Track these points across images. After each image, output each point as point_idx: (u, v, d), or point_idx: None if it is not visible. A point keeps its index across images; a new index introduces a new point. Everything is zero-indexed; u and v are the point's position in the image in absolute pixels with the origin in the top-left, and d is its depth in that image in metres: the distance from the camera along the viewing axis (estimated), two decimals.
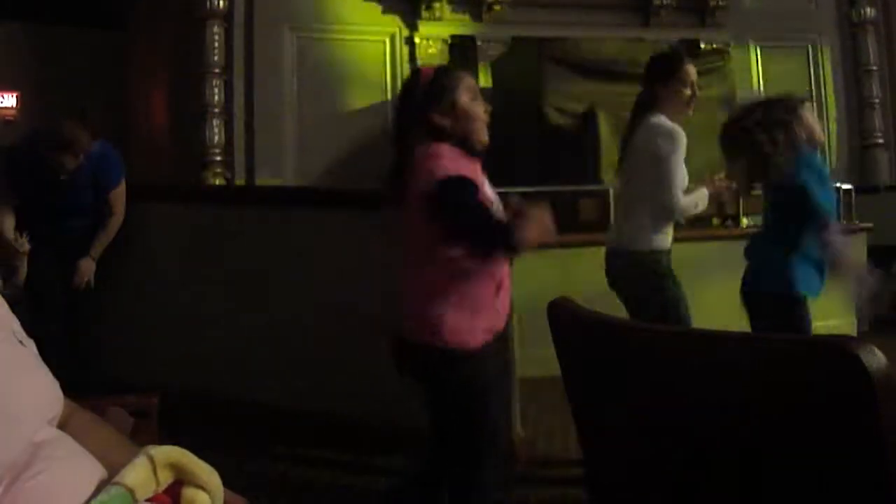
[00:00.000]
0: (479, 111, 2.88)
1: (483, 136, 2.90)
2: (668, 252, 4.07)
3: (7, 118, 10.60)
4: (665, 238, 4.05)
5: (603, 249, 4.26)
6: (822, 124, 3.75)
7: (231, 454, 4.17)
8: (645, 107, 4.08)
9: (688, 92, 4.04)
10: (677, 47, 5.05)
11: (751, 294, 3.79)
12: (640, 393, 1.25)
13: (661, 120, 3.99)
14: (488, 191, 2.87)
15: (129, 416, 2.63)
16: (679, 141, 3.92)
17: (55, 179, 4.88)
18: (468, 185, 2.73)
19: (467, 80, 2.91)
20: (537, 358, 3.51)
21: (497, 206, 2.86)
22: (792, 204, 3.63)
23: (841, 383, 0.98)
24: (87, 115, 4.98)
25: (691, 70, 4.09)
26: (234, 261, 5.22)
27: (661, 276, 4.01)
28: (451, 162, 2.75)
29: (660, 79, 4.06)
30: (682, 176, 3.95)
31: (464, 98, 2.84)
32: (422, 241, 2.83)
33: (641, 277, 4.01)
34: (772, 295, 3.70)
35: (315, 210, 5.08)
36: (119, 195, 5.14)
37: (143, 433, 2.60)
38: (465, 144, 2.83)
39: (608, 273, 4.15)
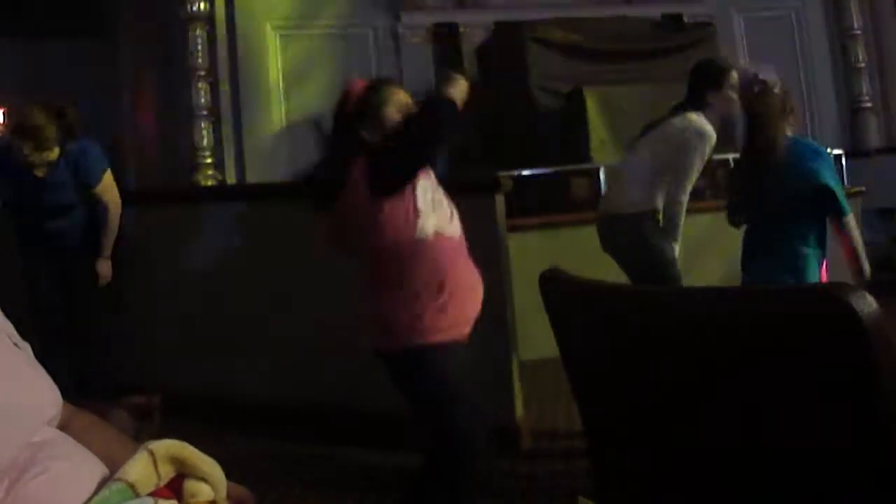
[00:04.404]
0: None
1: None
2: (659, 213, 4.33)
3: None
4: (658, 201, 4.29)
5: (594, 228, 4.40)
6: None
7: (236, 453, 4.17)
8: (686, 108, 4.29)
9: (735, 96, 4.26)
10: (720, 58, 5.44)
11: None
12: (636, 354, 1.25)
13: (702, 119, 4.22)
14: (423, 199, 2.89)
15: (130, 417, 2.62)
16: (709, 145, 4.19)
17: (32, 178, 4.83)
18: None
19: (397, 96, 2.93)
20: (535, 340, 3.51)
21: (448, 209, 2.93)
22: (812, 201, 3.68)
23: (834, 329, 0.98)
24: (65, 113, 4.84)
25: (735, 75, 4.31)
26: (233, 259, 5.21)
27: (656, 236, 4.26)
28: None
29: (712, 85, 4.25)
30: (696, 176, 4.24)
31: (391, 114, 2.88)
32: (370, 231, 2.85)
33: (639, 237, 4.26)
34: None
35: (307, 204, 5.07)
36: (106, 188, 5.00)
37: (146, 434, 2.60)
38: None
39: (603, 237, 4.42)
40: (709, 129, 4.18)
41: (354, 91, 2.94)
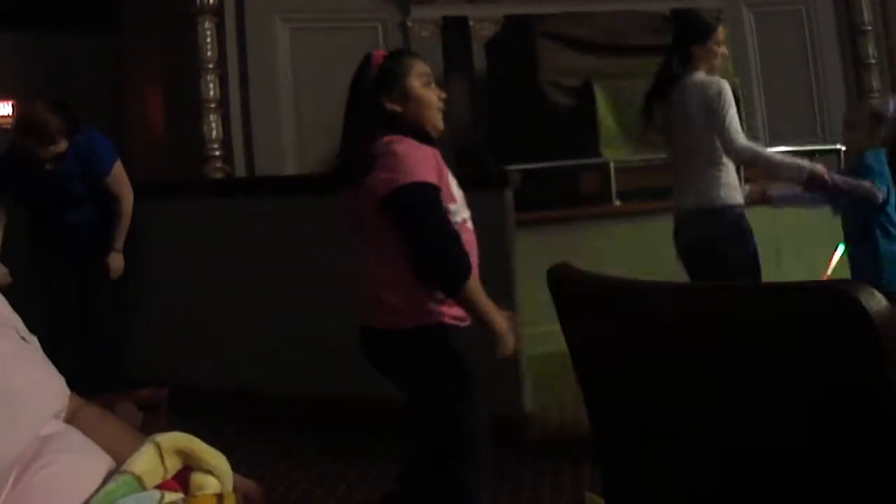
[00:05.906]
0: (433, 97, 2.81)
1: (438, 123, 2.83)
2: (742, 206, 4.06)
3: (3, 126, 10.59)
4: (737, 193, 4.04)
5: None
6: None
7: (243, 447, 4.18)
8: (676, 67, 4.14)
9: (722, 50, 4.17)
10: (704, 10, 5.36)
11: None
12: (643, 351, 1.24)
13: (705, 76, 4.07)
14: (453, 187, 2.80)
15: (138, 410, 2.63)
16: (730, 92, 3.97)
17: (40, 172, 4.83)
18: (431, 194, 2.66)
19: (419, 66, 2.84)
20: (543, 334, 3.51)
21: (462, 204, 2.80)
22: None
23: (842, 327, 0.98)
24: (66, 105, 4.83)
25: (722, 31, 4.23)
26: (241, 252, 5.21)
27: (742, 232, 4.00)
28: (417, 163, 2.67)
29: (697, 38, 4.13)
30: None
31: (415, 84, 2.78)
32: (379, 230, 2.74)
33: (720, 235, 3.98)
34: None
35: (316, 198, 5.07)
36: (117, 179, 4.99)
37: (153, 427, 2.60)
38: (419, 133, 2.75)
39: (680, 240, 4.14)
40: (719, 83, 3.98)
41: (376, 60, 2.85)
